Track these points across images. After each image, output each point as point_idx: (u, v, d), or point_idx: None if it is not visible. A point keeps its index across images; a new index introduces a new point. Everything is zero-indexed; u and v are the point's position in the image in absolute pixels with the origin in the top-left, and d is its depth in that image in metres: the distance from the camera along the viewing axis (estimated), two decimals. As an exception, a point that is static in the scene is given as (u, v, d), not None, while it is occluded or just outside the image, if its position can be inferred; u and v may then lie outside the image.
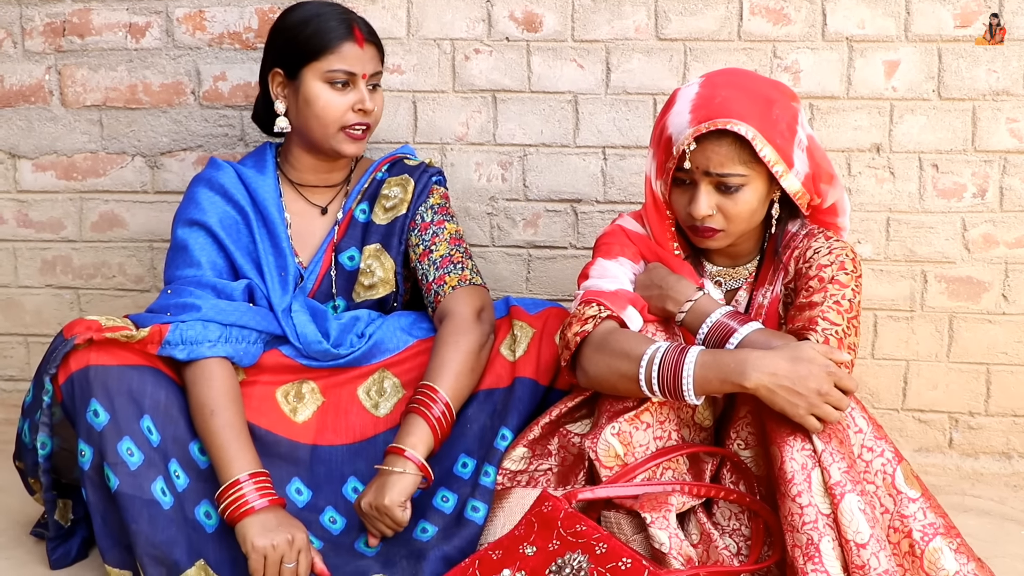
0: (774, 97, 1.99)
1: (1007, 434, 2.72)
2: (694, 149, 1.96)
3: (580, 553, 1.77)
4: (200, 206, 2.27)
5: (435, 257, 2.32)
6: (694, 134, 1.95)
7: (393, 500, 2.02)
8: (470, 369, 2.17)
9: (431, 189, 2.39)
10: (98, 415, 1.98)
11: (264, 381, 2.21)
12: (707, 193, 1.99)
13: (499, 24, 2.71)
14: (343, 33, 2.21)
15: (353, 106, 2.23)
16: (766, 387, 1.80)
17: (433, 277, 2.30)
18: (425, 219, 2.35)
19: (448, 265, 2.30)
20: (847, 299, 1.97)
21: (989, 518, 2.45)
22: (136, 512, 1.95)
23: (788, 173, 1.98)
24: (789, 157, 1.97)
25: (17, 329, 2.98)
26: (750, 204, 2.00)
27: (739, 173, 1.96)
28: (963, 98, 2.61)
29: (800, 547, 1.78)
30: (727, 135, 1.94)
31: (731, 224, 2.02)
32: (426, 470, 2.07)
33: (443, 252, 2.32)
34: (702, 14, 2.64)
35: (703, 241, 2.06)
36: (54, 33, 2.83)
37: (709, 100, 1.97)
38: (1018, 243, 2.64)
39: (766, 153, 1.94)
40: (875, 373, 2.74)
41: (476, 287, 2.30)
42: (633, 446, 1.95)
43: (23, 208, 2.92)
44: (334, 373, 2.25)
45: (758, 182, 1.99)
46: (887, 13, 2.59)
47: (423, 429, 2.09)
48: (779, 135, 1.95)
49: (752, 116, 1.94)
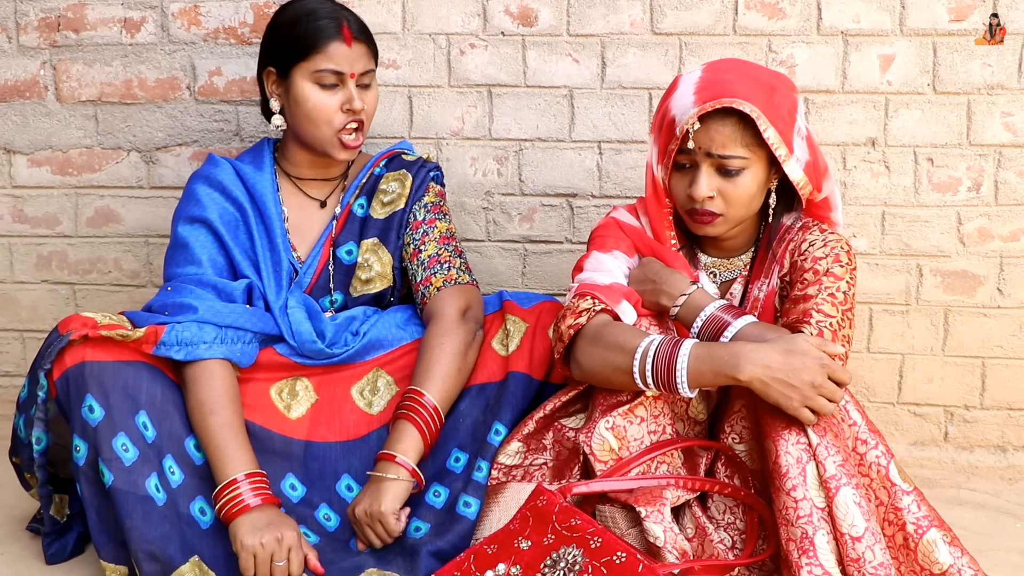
0: (775, 84, 2.00)
1: (1002, 427, 2.72)
2: (698, 129, 1.97)
3: (575, 547, 1.77)
4: (200, 202, 2.27)
5: (423, 257, 2.32)
6: (699, 112, 1.95)
7: (388, 507, 2.03)
8: (456, 370, 2.17)
9: (428, 186, 2.39)
10: (93, 411, 1.98)
11: (258, 378, 2.21)
12: (708, 175, 2.00)
13: (494, 18, 2.71)
14: (331, 32, 2.20)
15: (342, 106, 2.23)
16: (760, 380, 1.80)
17: (421, 278, 2.31)
18: (417, 218, 2.35)
19: (435, 265, 2.30)
20: (841, 291, 1.97)
21: (984, 511, 2.45)
22: (130, 508, 1.96)
23: (790, 158, 1.98)
24: (790, 142, 1.98)
25: (13, 325, 2.98)
26: (749, 189, 2.00)
27: (740, 155, 1.97)
28: (958, 92, 2.61)
29: (795, 541, 1.78)
30: (731, 115, 1.95)
31: (730, 209, 2.02)
32: (418, 475, 2.07)
33: (431, 252, 2.32)
34: (697, 8, 2.64)
35: (701, 227, 2.06)
36: (49, 28, 2.82)
37: (713, 82, 1.98)
38: (1013, 237, 2.64)
39: (770, 135, 1.95)
40: (871, 367, 2.74)
41: (462, 287, 2.29)
42: (627, 440, 1.95)
43: (18, 204, 2.91)
44: (328, 371, 2.25)
45: (758, 166, 2.00)
46: (882, 7, 2.59)
47: (413, 434, 2.09)
48: (780, 120, 1.96)
49: (756, 98, 1.95)
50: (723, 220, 2.04)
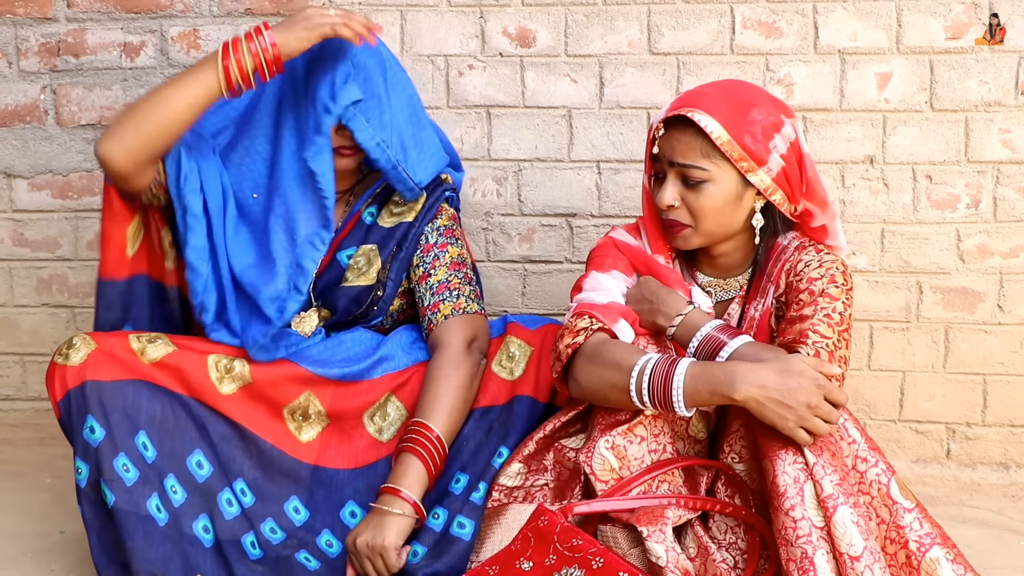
0: (758, 103, 2.01)
1: (1004, 444, 2.72)
2: (662, 136, 2.02)
3: (577, 568, 1.77)
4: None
5: (432, 282, 2.29)
6: (662, 118, 2.02)
7: (391, 543, 2.01)
8: (463, 403, 2.16)
9: (440, 207, 2.35)
10: (94, 431, 1.99)
11: (270, 395, 2.18)
12: (672, 183, 2.03)
13: (492, 40, 2.72)
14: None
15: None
16: (755, 399, 1.80)
17: (428, 303, 2.27)
18: (429, 240, 2.32)
19: (444, 292, 2.27)
20: (838, 312, 1.97)
21: (988, 529, 2.45)
22: (132, 529, 1.96)
23: (758, 171, 1.99)
24: (760, 158, 1.98)
25: (13, 348, 2.98)
26: (715, 201, 2.01)
27: (700, 166, 1.99)
28: (955, 109, 2.61)
29: (795, 561, 1.78)
30: (692, 125, 1.98)
31: (697, 220, 2.03)
32: (420, 511, 2.06)
33: (441, 277, 2.29)
34: (695, 28, 2.65)
35: (673, 239, 2.08)
36: (49, 52, 2.84)
37: (691, 94, 2.03)
38: (1012, 253, 2.64)
39: (727, 148, 1.97)
40: (872, 384, 2.74)
41: (469, 316, 2.26)
42: (628, 459, 1.95)
43: (19, 227, 2.92)
44: (341, 387, 2.22)
45: (724, 180, 2.01)
46: (879, 26, 2.60)
47: (417, 468, 2.07)
48: (750, 134, 1.97)
49: (721, 112, 1.97)
50: (693, 232, 2.05)
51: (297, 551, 2.09)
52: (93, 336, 2.07)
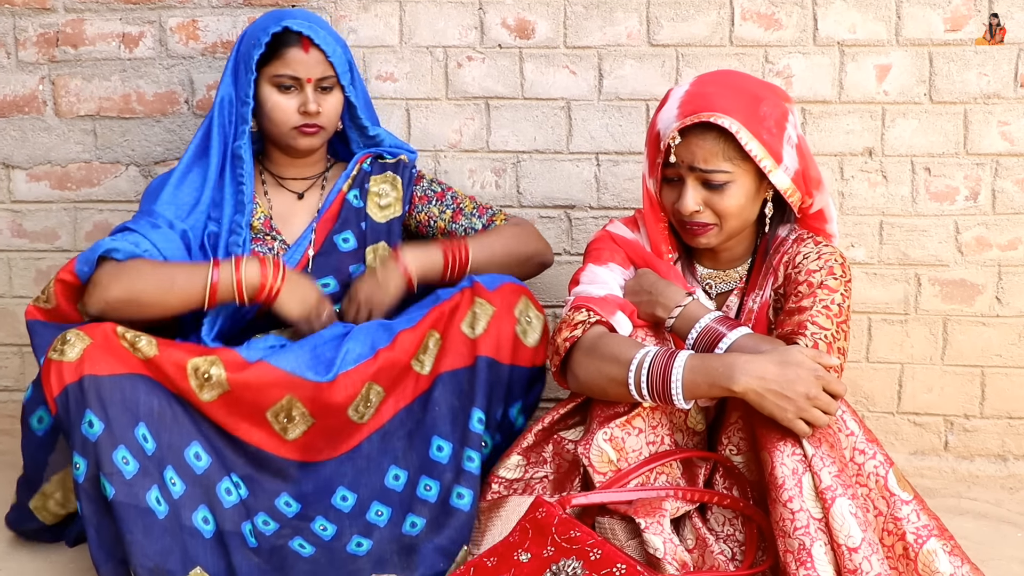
0: (763, 95, 2.00)
1: (1002, 436, 2.72)
2: (679, 143, 1.98)
3: (575, 559, 1.77)
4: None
5: (468, 211, 2.50)
6: (679, 127, 1.97)
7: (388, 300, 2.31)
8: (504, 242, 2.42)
9: (415, 177, 2.52)
10: (93, 425, 1.99)
11: (251, 399, 2.15)
12: (694, 188, 2.01)
13: (491, 31, 2.72)
14: (289, 40, 2.32)
15: (298, 108, 2.33)
16: (754, 391, 1.80)
17: (479, 226, 2.48)
18: (434, 190, 2.52)
19: (484, 211, 2.50)
20: (836, 303, 1.97)
21: (985, 520, 2.45)
22: (131, 522, 1.96)
23: (777, 169, 1.99)
24: (778, 153, 1.98)
25: (11, 340, 2.98)
26: (738, 200, 2.01)
27: (724, 170, 1.98)
28: (954, 101, 2.61)
29: (792, 552, 1.78)
30: (712, 129, 1.96)
31: (723, 220, 2.03)
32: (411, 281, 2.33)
33: (472, 206, 2.50)
34: (694, 20, 2.65)
35: (696, 239, 2.07)
36: (47, 43, 2.83)
37: (697, 96, 2.00)
38: (1011, 245, 2.64)
39: (752, 147, 1.95)
40: (870, 376, 2.74)
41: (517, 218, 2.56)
42: (626, 451, 1.95)
43: (17, 218, 2.92)
44: (320, 388, 2.17)
45: (745, 179, 2.00)
46: (878, 17, 2.60)
47: (434, 251, 2.35)
48: (766, 131, 1.97)
49: (737, 111, 1.95)
50: (718, 230, 2.04)
51: (291, 539, 2.10)
52: (86, 331, 2.06)
